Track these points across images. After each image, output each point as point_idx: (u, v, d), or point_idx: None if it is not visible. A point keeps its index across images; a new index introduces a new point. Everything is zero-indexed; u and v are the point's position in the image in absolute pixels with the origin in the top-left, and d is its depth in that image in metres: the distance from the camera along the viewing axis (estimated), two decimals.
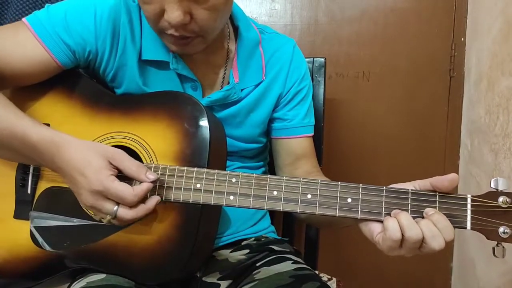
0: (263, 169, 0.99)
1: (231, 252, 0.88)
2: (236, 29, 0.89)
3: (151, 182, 0.65)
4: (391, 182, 0.66)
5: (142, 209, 0.65)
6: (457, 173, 1.41)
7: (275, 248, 0.89)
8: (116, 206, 0.64)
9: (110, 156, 0.65)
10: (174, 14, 0.67)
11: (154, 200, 0.66)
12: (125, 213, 0.64)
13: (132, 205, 0.65)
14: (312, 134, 0.95)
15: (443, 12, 1.39)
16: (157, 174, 0.67)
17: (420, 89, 1.42)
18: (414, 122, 1.44)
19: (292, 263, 0.83)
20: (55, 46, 0.76)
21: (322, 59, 1.18)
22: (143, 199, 0.66)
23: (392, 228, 0.59)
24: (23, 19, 0.77)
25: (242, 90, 0.87)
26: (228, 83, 0.87)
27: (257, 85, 0.89)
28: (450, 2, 1.38)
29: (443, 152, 1.43)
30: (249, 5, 1.46)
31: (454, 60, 1.39)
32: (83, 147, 0.66)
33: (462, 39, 1.38)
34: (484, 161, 1.16)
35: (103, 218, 0.66)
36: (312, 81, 1.16)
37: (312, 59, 1.18)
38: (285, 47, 0.93)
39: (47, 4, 0.79)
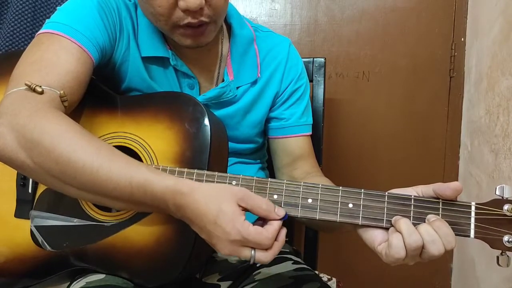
0: (260, 165, 0.99)
1: None
2: (229, 27, 0.89)
3: (280, 219, 0.62)
4: (390, 182, 0.66)
5: (277, 247, 0.61)
6: (457, 173, 1.42)
7: None
8: (253, 251, 0.59)
9: (239, 197, 0.60)
10: None
11: (283, 233, 0.63)
12: (264, 256, 0.60)
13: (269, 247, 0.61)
14: (310, 133, 0.95)
15: (443, 12, 1.39)
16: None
17: (420, 89, 1.42)
18: (414, 122, 1.44)
19: (292, 263, 0.83)
20: (94, 50, 0.74)
21: (322, 59, 1.18)
22: None
23: (396, 245, 0.57)
24: (53, 30, 0.72)
25: (237, 88, 0.88)
26: (223, 80, 0.87)
27: (252, 83, 0.89)
28: (450, 2, 1.38)
29: (443, 152, 1.43)
30: (249, 5, 1.46)
31: (454, 60, 1.39)
32: (210, 192, 0.60)
33: (462, 39, 1.38)
34: (484, 162, 1.16)
35: None
36: (312, 81, 1.17)
37: (312, 59, 1.18)
38: (281, 46, 0.93)
39: (58, 7, 0.77)
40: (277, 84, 0.91)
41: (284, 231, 0.62)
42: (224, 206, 0.59)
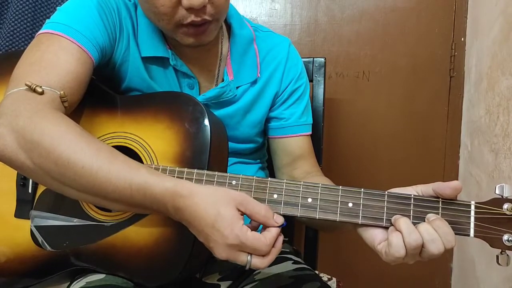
0: (260, 165, 0.99)
1: None
2: (229, 27, 0.89)
3: (279, 226, 0.61)
4: (390, 182, 0.65)
5: (274, 254, 0.61)
6: (457, 173, 1.42)
7: None
8: (250, 256, 0.59)
9: (238, 201, 0.60)
10: None
11: (281, 240, 0.63)
12: (260, 262, 0.60)
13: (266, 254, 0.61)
14: (310, 133, 0.95)
15: (443, 12, 1.39)
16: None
17: (420, 89, 1.42)
18: (414, 122, 1.44)
19: (293, 263, 0.83)
20: (94, 50, 0.74)
21: (322, 59, 1.18)
22: None
23: (396, 244, 0.57)
24: (52, 30, 0.72)
25: (237, 87, 0.88)
26: (223, 80, 0.87)
27: (252, 83, 0.89)
28: (450, 2, 1.38)
29: (443, 152, 1.43)
30: (249, 5, 1.46)
31: (454, 60, 1.39)
32: (210, 196, 0.60)
33: (462, 39, 1.38)
34: (484, 161, 1.16)
35: None
36: (312, 81, 1.17)
37: (312, 59, 1.18)
38: (281, 46, 0.93)
39: (58, 8, 0.77)
40: (277, 83, 0.91)
41: (281, 238, 0.63)
42: (222, 210, 0.59)
